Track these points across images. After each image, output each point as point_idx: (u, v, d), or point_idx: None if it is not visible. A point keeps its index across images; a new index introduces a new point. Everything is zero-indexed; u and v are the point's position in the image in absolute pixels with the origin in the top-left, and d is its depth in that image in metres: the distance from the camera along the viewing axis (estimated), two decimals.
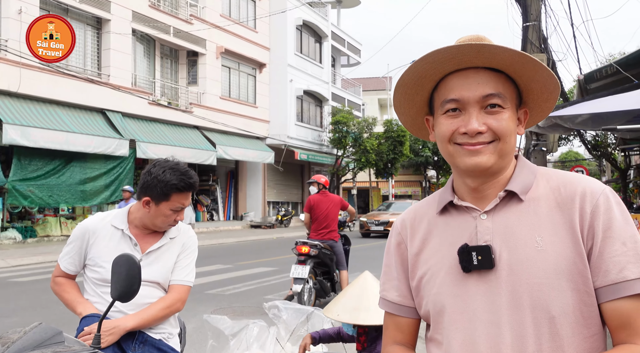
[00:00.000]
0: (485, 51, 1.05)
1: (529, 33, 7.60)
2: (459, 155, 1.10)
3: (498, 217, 1.10)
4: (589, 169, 44.03)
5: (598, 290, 1.04)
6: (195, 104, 20.70)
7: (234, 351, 2.58)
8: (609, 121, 5.13)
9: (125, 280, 1.55)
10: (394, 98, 1.20)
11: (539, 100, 1.17)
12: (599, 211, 1.04)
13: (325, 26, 28.66)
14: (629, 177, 22.43)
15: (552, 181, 1.12)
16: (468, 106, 1.08)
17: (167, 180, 2.13)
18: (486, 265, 1.07)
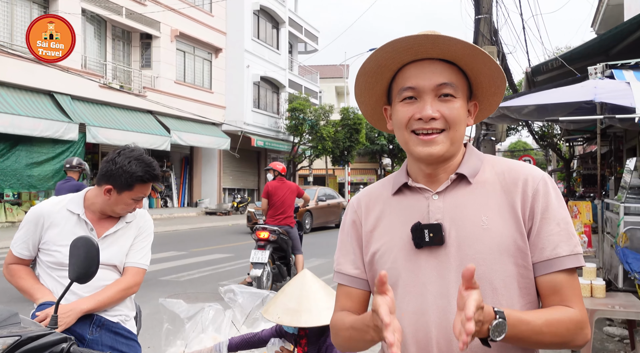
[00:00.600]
0: (440, 42, 1.14)
1: (481, 25, 7.82)
2: (414, 144, 1.19)
3: (448, 197, 1.20)
4: (536, 158, 45.68)
5: (535, 265, 1.16)
6: (148, 88, 20.21)
7: (189, 334, 2.62)
8: (553, 113, 5.39)
9: (84, 261, 1.56)
10: (356, 86, 1.28)
11: (487, 93, 1.27)
12: (539, 195, 1.16)
13: (283, 12, 28.42)
14: (573, 166, 23.48)
15: (497, 167, 1.23)
16: (423, 94, 1.17)
17: (132, 171, 2.15)
18: (437, 242, 1.16)
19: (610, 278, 5.34)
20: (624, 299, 4.17)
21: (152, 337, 4.52)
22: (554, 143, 22.97)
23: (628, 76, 5.14)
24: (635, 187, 5.29)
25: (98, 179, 2.22)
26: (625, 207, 5.03)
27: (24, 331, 1.32)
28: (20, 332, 1.31)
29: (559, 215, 1.16)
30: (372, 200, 1.31)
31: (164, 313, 2.67)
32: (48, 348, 1.31)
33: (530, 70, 8.05)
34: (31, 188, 16.02)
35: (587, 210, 4.98)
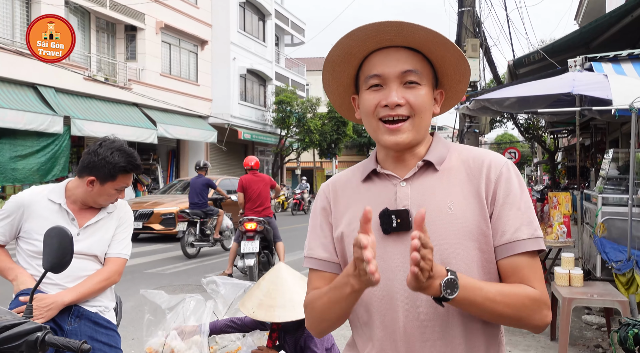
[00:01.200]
0: (404, 29, 1.16)
1: (464, 18, 7.86)
2: (381, 133, 1.21)
3: (416, 184, 1.23)
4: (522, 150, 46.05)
5: (496, 249, 1.19)
6: (134, 81, 20.02)
7: (170, 324, 2.64)
8: (533, 105, 5.45)
9: (57, 251, 1.57)
10: (323, 75, 1.30)
11: (452, 81, 1.29)
12: (501, 180, 1.20)
13: (269, 4, 28.27)
14: (558, 158, 23.74)
15: (462, 154, 1.26)
16: (389, 81, 1.19)
17: (115, 161, 2.17)
18: (404, 227, 1.19)
19: (590, 268, 5.45)
20: (602, 288, 4.26)
21: (137, 329, 4.53)
22: (538, 135, 23.20)
23: (607, 69, 5.22)
24: (613, 178, 5.39)
25: (79, 171, 2.23)
26: (603, 198, 5.13)
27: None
28: None
29: (521, 200, 1.19)
30: (342, 187, 1.33)
31: (145, 304, 2.69)
32: (23, 337, 1.32)
33: (513, 62, 8.12)
34: (16, 182, 15.85)
35: (566, 201, 5.06)
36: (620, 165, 5.43)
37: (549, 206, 5.16)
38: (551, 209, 5.11)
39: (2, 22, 15.40)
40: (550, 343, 4.56)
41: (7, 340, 1.31)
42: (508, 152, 26.49)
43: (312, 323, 1.29)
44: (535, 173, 44.12)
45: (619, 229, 4.81)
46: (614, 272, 4.53)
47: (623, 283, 4.38)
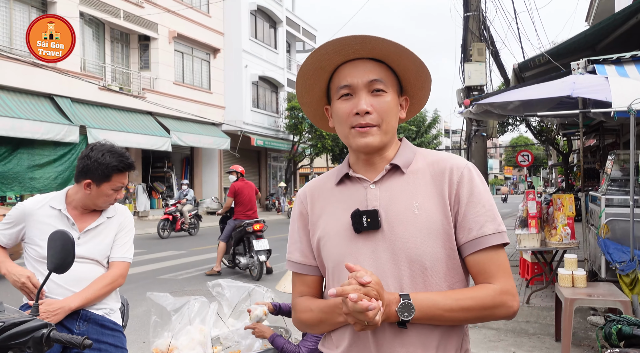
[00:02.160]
0: (367, 42, 1.27)
1: (470, 23, 7.91)
2: (352, 137, 1.32)
3: (384, 186, 1.33)
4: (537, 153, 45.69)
5: (463, 246, 1.29)
6: (147, 90, 20.35)
7: (176, 326, 2.74)
8: (537, 108, 5.49)
9: (60, 253, 1.69)
10: (297, 88, 1.41)
11: (414, 87, 1.40)
12: (464, 181, 1.30)
13: (280, 11, 28.52)
14: (573, 160, 23.53)
15: (428, 158, 1.37)
16: (358, 90, 1.30)
17: (107, 162, 2.28)
18: (374, 226, 1.29)
19: (595, 269, 5.46)
20: (605, 288, 4.29)
21: (147, 333, 4.65)
22: (551, 138, 23.03)
23: (609, 71, 5.24)
24: (617, 180, 5.40)
25: (76, 176, 2.34)
26: (606, 199, 5.15)
27: (7, 318, 1.44)
28: (3, 318, 1.43)
29: (484, 199, 1.29)
30: (316, 192, 1.44)
31: (152, 306, 2.80)
32: (29, 334, 1.44)
33: (518, 66, 8.16)
34: (34, 191, 16.17)
35: (570, 202, 5.09)
36: (623, 167, 5.44)
37: (554, 208, 5.20)
38: (555, 211, 5.14)
39: (19, 34, 15.78)
40: (555, 344, 4.58)
41: (15, 336, 1.43)
42: (521, 154, 26.32)
43: (298, 325, 1.44)
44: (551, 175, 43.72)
45: (623, 230, 4.82)
46: (617, 272, 4.54)
47: (627, 283, 4.40)
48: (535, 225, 5.27)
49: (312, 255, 1.42)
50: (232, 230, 8.36)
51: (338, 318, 1.28)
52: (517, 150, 36.91)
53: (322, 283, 1.46)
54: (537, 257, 5.90)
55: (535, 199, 5.34)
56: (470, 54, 8.13)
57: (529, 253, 6.06)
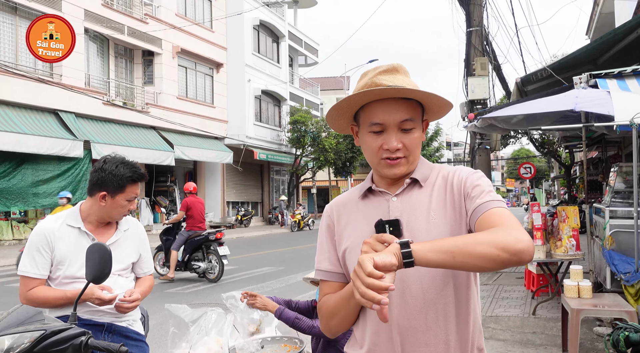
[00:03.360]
0: (404, 92, 1.39)
1: (473, 38, 8.05)
2: (382, 167, 1.46)
3: (405, 198, 1.45)
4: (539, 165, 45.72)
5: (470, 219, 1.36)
6: (151, 104, 20.52)
7: (193, 336, 2.81)
8: (540, 122, 5.58)
9: (99, 264, 1.77)
10: (328, 116, 1.53)
11: (435, 113, 1.55)
12: (468, 180, 1.42)
13: (282, 26, 28.83)
14: (575, 172, 23.60)
15: (442, 172, 1.50)
16: (389, 128, 1.42)
17: (121, 174, 2.37)
18: (396, 234, 1.37)
19: (601, 281, 5.51)
20: (610, 299, 4.34)
21: (160, 346, 4.70)
22: (553, 150, 23.14)
23: (611, 85, 5.34)
24: (620, 192, 5.48)
25: (90, 189, 2.40)
26: (610, 211, 5.22)
27: (48, 326, 1.52)
28: (45, 326, 1.51)
29: (487, 187, 1.39)
30: (342, 206, 1.56)
31: (169, 317, 2.87)
32: (69, 341, 1.51)
33: (520, 80, 8.28)
34: (37, 206, 16.26)
35: (574, 214, 5.16)
36: (626, 179, 5.52)
37: (558, 220, 5.27)
38: (560, 223, 5.22)
39: (25, 50, 15.97)
40: None
41: (56, 344, 1.50)
42: (523, 167, 26.37)
43: (324, 319, 1.50)
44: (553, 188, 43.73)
45: (627, 241, 4.89)
46: (622, 283, 4.60)
47: (632, 294, 4.45)
48: (540, 237, 5.34)
49: (339, 264, 1.52)
50: (185, 240, 9.36)
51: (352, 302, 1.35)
52: (519, 163, 36.99)
53: None
54: (542, 268, 5.96)
55: (540, 211, 5.41)
56: (474, 69, 8.27)
57: (535, 265, 6.12)
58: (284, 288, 8.44)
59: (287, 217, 25.73)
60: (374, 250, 1.20)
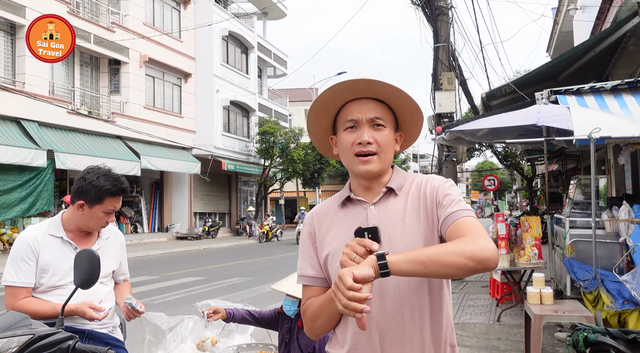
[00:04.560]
0: (373, 85, 1.51)
1: (440, 53, 8.30)
2: (355, 164, 1.54)
3: (381, 206, 1.55)
4: (502, 178, 46.86)
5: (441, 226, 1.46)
6: (117, 114, 20.24)
7: (170, 344, 2.83)
8: (504, 135, 5.81)
9: (87, 270, 1.80)
10: (308, 118, 1.63)
11: (409, 126, 1.64)
12: (440, 188, 1.52)
13: (252, 37, 28.91)
14: (536, 185, 24.31)
15: (415, 181, 1.60)
16: (361, 124, 1.53)
17: (101, 185, 2.37)
18: (374, 241, 1.44)
19: (561, 288, 5.74)
20: (570, 305, 4.54)
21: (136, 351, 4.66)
22: (516, 163, 23.82)
23: (570, 101, 5.61)
24: (579, 203, 5.74)
25: (72, 198, 2.42)
26: (570, 221, 5.47)
27: (35, 330, 1.54)
28: (32, 331, 1.54)
29: (457, 198, 1.50)
30: (322, 214, 1.64)
31: (145, 325, 2.88)
32: (57, 345, 1.54)
33: (486, 95, 8.58)
34: None
35: (537, 224, 5.38)
36: (584, 191, 5.79)
37: (521, 230, 5.48)
38: (523, 233, 5.43)
39: None
40: None
41: (44, 348, 1.53)
42: (487, 179, 27.06)
43: (307, 321, 1.58)
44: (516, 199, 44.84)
45: (586, 250, 5.13)
46: (582, 290, 4.82)
47: (590, 300, 4.67)
48: (505, 246, 5.54)
49: (321, 269, 1.60)
50: None
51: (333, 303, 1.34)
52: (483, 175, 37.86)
53: None
54: (506, 276, 6.16)
55: (505, 222, 5.62)
56: (441, 83, 8.52)
57: (499, 274, 6.32)
58: (254, 299, 8.44)
59: (255, 228, 25.62)
60: (355, 252, 1.31)
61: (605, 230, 5.22)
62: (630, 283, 4.48)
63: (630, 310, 4.46)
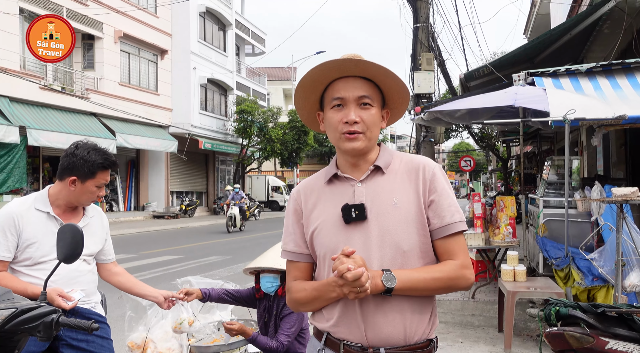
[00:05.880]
0: (361, 64, 1.52)
1: (419, 33, 8.31)
2: (342, 142, 1.56)
3: (369, 184, 1.57)
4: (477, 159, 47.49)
5: (435, 230, 1.54)
6: (91, 90, 19.81)
7: (151, 320, 2.85)
8: (481, 116, 5.88)
9: (71, 244, 1.79)
10: (295, 95, 1.64)
11: (395, 103, 1.66)
12: (435, 178, 1.57)
13: (229, 14, 28.43)
14: (511, 166, 24.71)
15: (403, 160, 1.63)
16: (348, 102, 1.54)
17: (93, 159, 2.36)
18: (361, 218, 1.52)
19: (534, 266, 5.90)
20: (542, 282, 4.69)
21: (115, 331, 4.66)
22: (492, 144, 24.13)
23: (547, 83, 5.70)
24: (553, 183, 5.88)
25: (60, 174, 2.39)
26: (544, 201, 5.60)
27: (18, 304, 1.54)
28: (15, 305, 1.53)
29: (451, 193, 1.58)
30: (309, 190, 1.66)
31: (126, 301, 2.89)
32: (40, 319, 1.54)
33: (464, 76, 8.64)
34: None
35: (511, 204, 5.50)
36: (558, 172, 5.93)
37: (497, 209, 5.59)
38: (498, 212, 5.54)
39: None
40: (497, 334, 4.95)
41: (27, 321, 1.53)
42: (464, 159, 27.40)
43: (293, 305, 1.63)
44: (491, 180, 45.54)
45: (558, 229, 5.27)
46: (553, 267, 4.97)
47: (561, 277, 4.82)
48: (480, 225, 5.65)
49: (305, 245, 1.63)
50: None
51: (331, 294, 1.49)
52: (460, 156, 38.30)
53: (312, 270, 1.65)
54: (481, 255, 6.30)
55: (481, 201, 5.73)
56: (420, 63, 8.55)
57: (474, 252, 6.46)
58: (232, 277, 8.47)
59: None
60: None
61: (577, 209, 5.36)
62: (598, 261, 4.63)
63: (599, 287, 4.62)
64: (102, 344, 2.41)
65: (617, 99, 5.15)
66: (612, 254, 4.43)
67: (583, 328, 2.19)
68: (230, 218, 17.73)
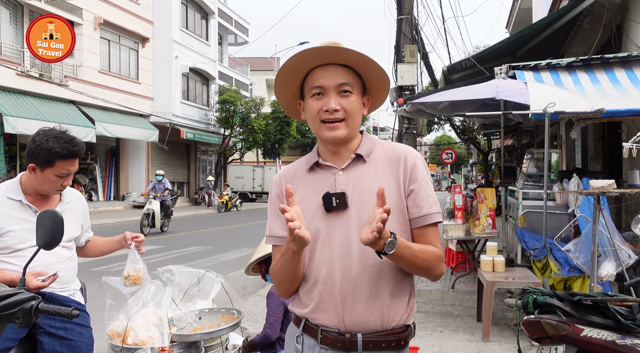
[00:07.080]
0: (339, 52, 1.51)
1: (403, 25, 8.32)
2: (322, 130, 1.56)
3: (350, 172, 1.57)
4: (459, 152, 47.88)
5: (415, 219, 1.55)
6: (71, 77, 19.46)
7: (132, 308, 2.82)
8: (463, 108, 5.93)
9: (50, 231, 1.76)
10: (275, 84, 1.63)
11: (376, 89, 1.65)
12: (416, 168, 1.57)
13: (212, 2, 28.11)
14: (491, 159, 24.99)
15: (385, 148, 1.63)
16: (328, 91, 1.53)
17: (49, 147, 2.24)
18: (342, 206, 1.52)
19: (512, 257, 6.00)
20: (520, 272, 4.77)
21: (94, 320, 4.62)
22: (473, 137, 24.35)
23: (528, 76, 5.77)
24: (532, 176, 5.97)
25: (25, 160, 2.33)
26: (523, 193, 5.69)
27: None
28: None
29: (430, 185, 1.59)
30: (290, 177, 1.66)
31: (107, 290, 2.86)
32: (19, 305, 1.52)
33: (447, 68, 8.69)
34: None
35: (492, 196, 5.58)
36: (537, 165, 6.02)
37: (477, 201, 5.67)
38: (479, 204, 5.61)
39: None
40: (476, 323, 5.03)
41: (5, 308, 1.51)
42: (445, 152, 27.60)
43: (276, 285, 1.62)
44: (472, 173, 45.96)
45: (537, 221, 5.36)
46: (531, 258, 5.06)
47: (539, 268, 4.91)
48: (461, 217, 5.72)
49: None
50: None
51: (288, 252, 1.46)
52: (442, 149, 38.58)
53: None
54: (462, 246, 6.38)
55: (462, 193, 5.79)
56: (403, 56, 8.56)
57: (455, 243, 6.54)
58: (214, 267, 8.45)
59: (214, 198, 25.41)
60: None
61: (555, 201, 5.46)
62: (573, 252, 4.72)
63: (575, 277, 4.72)
64: (81, 332, 2.39)
65: (596, 93, 5.24)
66: (587, 245, 4.53)
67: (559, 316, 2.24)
68: (146, 216, 13.73)
